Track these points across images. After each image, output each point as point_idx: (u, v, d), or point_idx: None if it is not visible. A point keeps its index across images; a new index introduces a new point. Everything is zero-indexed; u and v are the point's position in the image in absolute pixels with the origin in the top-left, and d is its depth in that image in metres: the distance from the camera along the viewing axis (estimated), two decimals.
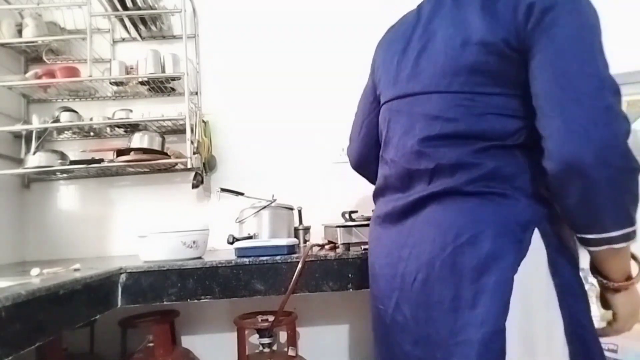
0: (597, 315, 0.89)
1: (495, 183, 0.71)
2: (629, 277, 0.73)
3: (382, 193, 0.89)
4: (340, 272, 1.33)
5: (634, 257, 0.76)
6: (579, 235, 0.69)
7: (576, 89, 0.63)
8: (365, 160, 1.00)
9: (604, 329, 0.79)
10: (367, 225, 1.42)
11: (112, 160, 1.88)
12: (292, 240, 1.50)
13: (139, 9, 1.95)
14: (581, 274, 0.75)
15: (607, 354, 0.89)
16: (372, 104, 0.94)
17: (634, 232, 0.67)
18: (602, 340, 0.74)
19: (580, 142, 0.61)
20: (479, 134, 0.71)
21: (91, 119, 1.98)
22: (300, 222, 1.90)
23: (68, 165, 1.89)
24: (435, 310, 0.70)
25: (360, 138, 0.97)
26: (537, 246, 0.68)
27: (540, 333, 0.66)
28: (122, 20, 2.06)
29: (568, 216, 0.69)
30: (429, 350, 0.71)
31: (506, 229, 0.68)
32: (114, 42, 2.17)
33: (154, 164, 1.89)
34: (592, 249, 0.69)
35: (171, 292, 1.33)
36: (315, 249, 1.47)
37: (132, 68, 2.00)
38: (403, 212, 0.80)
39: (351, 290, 1.33)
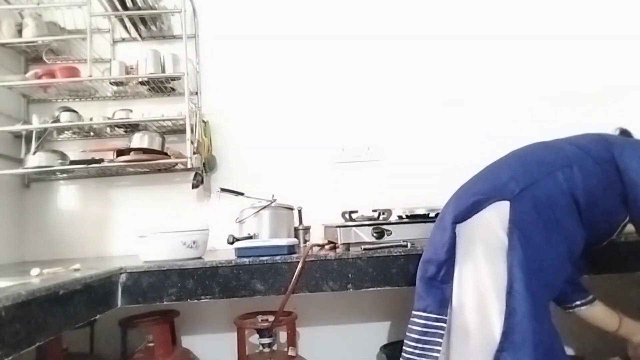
0: None
1: None
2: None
3: None
4: (340, 272, 1.33)
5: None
6: None
7: None
8: None
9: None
10: (367, 225, 1.43)
11: (112, 160, 1.88)
12: (292, 240, 1.50)
13: (139, 9, 1.95)
14: None
15: None
16: None
17: None
18: None
19: None
20: None
21: (91, 119, 1.98)
22: (300, 222, 1.90)
23: (68, 165, 1.89)
24: None
25: None
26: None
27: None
28: (122, 20, 2.06)
29: None
30: None
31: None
32: (114, 42, 2.18)
33: (154, 164, 1.89)
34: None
35: (171, 292, 1.33)
36: (315, 249, 1.47)
37: (132, 68, 2.00)
38: None
39: (351, 290, 1.33)
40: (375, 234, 1.43)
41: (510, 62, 2.16)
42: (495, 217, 1.08)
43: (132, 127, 2.02)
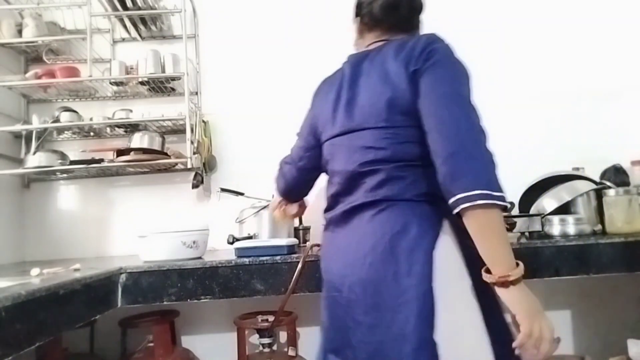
0: None
1: (415, 190, 0.95)
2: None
3: (331, 207, 1.10)
4: None
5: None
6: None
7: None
8: (298, 184, 1.23)
9: (520, 341, 0.84)
10: None
11: (112, 160, 1.88)
12: (292, 240, 1.50)
13: (139, 9, 1.95)
14: None
15: None
16: (313, 141, 1.16)
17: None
18: None
19: None
20: (401, 157, 0.95)
21: (91, 119, 1.98)
22: (300, 222, 1.90)
23: (68, 165, 1.89)
24: (381, 283, 0.92)
25: (298, 166, 1.21)
26: (447, 231, 0.93)
27: (456, 290, 0.89)
28: (122, 20, 2.06)
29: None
30: (378, 315, 0.92)
31: (425, 220, 0.93)
32: (114, 42, 2.18)
33: (154, 164, 1.89)
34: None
35: (171, 292, 1.33)
36: (315, 249, 1.46)
37: (132, 68, 2.00)
38: (346, 216, 1.02)
39: None
40: None
41: (509, 61, 2.15)
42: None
43: (132, 127, 2.02)
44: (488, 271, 0.86)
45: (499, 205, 0.82)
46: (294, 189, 1.25)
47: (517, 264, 0.86)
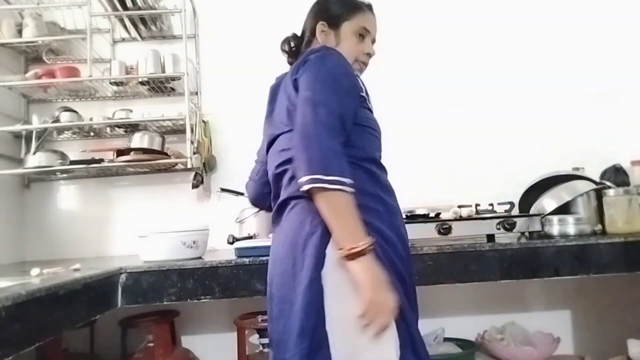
0: None
1: None
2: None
3: (272, 210, 1.18)
4: None
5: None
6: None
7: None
8: (261, 194, 1.30)
9: (362, 309, 0.89)
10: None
11: (112, 160, 1.88)
12: None
13: (139, 9, 1.95)
14: None
15: None
16: (265, 157, 1.27)
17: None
18: None
19: None
20: None
21: (91, 119, 1.98)
22: None
23: (68, 165, 1.89)
24: (284, 277, 1.02)
25: (257, 178, 1.31)
26: None
27: (348, 280, 0.92)
28: (122, 20, 2.06)
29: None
30: (281, 306, 1.01)
31: (318, 215, 0.96)
32: (114, 42, 2.18)
33: (154, 164, 1.89)
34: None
35: (171, 292, 1.33)
36: None
37: (132, 68, 2.00)
38: (276, 217, 1.11)
39: None
40: None
41: (510, 62, 2.15)
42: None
43: (132, 127, 2.02)
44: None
45: (333, 189, 0.90)
46: (258, 200, 1.34)
47: (364, 239, 0.92)
